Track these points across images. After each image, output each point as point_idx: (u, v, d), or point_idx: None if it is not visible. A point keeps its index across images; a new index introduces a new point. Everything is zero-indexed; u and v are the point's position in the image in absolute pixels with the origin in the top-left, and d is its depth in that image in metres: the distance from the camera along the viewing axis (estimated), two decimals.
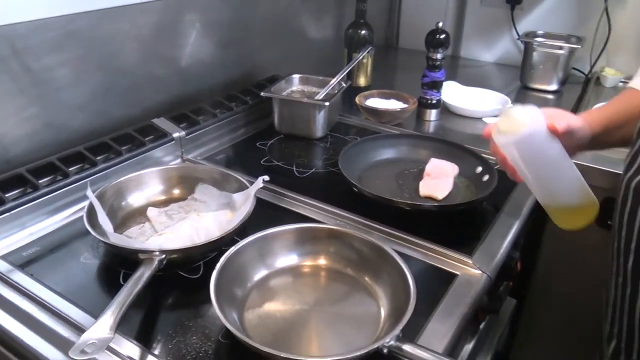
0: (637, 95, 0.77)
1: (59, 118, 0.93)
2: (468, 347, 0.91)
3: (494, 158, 0.98)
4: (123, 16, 0.98)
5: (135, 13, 1.00)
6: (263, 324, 0.64)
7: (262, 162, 1.06)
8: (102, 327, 0.55)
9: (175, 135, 1.02)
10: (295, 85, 1.26)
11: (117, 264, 0.74)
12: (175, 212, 0.85)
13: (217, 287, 0.62)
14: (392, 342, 0.57)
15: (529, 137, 0.61)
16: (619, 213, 0.66)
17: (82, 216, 0.76)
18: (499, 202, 0.93)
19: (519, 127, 0.60)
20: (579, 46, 1.45)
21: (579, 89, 1.51)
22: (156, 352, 0.61)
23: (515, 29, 1.68)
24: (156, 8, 1.03)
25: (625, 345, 0.67)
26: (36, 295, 0.68)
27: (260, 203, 0.87)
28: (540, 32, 1.57)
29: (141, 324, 0.66)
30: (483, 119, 1.19)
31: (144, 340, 0.63)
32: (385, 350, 0.57)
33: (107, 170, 0.90)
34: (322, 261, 0.73)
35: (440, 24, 1.22)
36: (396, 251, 0.69)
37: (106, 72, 0.98)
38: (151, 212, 0.84)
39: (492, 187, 0.89)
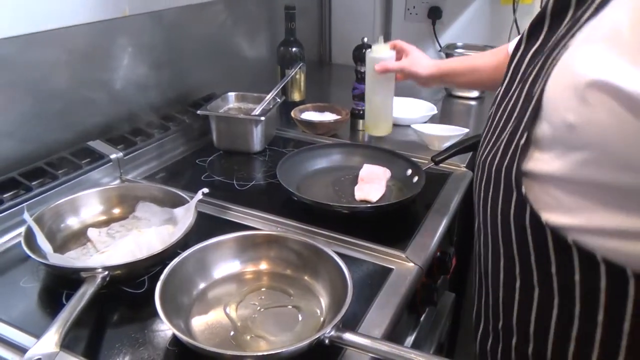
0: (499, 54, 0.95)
1: None
2: (410, 339, 0.96)
3: (422, 161, 1.06)
4: (52, 41, 0.98)
5: (64, 38, 1.00)
6: (210, 330, 0.66)
7: (202, 178, 1.08)
8: (47, 342, 0.55)
9: (113, 156, 1.03)
10: (231, 102, 1.29)
11: (59, 286, 0.74)
12: (116, 231, 0.86)
13: (162, 297, 0.64)
14: (332, 332, 0.60)
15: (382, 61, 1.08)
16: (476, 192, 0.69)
17: (19, 242, 0.76)
18: (428, 200, 1.00)
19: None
20: None
21: None
22: None
23: (438, 41, 1.79)
24: (85, 33, 1.04)
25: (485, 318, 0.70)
26: None
27: (203, 217, 0.90)
28: (459, 43, 1.69)
29: (88, 341, 0.66)
30: (412, 125, 1.27)
31: (92, 355, 0.63)
32: (327, 341, 0.60)
33: (44, 195, 0.89)
34: (263, 266, 0.76)
35: (366, 39, 1.29)
36: (336, 252, 0.73)
37: (37, 98, 0.98)
38: (92, 232, 0.84)
39: (420, 187, 0.96)
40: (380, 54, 1.10)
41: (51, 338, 0.56)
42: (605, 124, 0.45)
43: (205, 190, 0.85)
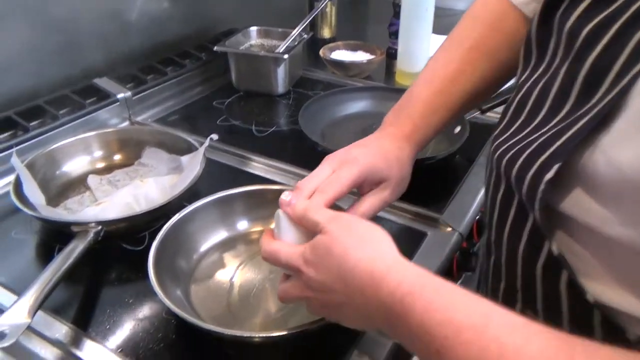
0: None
1: None
2: None
3: None
4: None
5: None
6: (211, 298, 0.58)
7: (218, 122, 0.98)
8: (19, 311, 0.48)
9: (120, 96, 0.94)
10: (253, 38, 1.17)
11: (52, 239, 0.67)
12: (120, 178, 0.78)
13: (157, 260, 0.55)
14: None
15: None
16: (487, 171, 0.52)
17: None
18: (472, 154, 0.87)
19: None
20: None
21: None
22: (91, 334, 0.55)
23: None
24: None
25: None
26: None
27: (216, 165, 0.82)
28: None
29: (77, 304, 0.59)
30: None
31: (79, 321, 0.56)
32: None
33: (42, 137, 0.82)
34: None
35: None
36: None
37: (36, 28, 0.88)
38: (92, 180, 0.76)
39: (463, 139, 0.84)
40: None
41: (24, 305, 0.49)
42: None
43: (215, 136, 0.75)
